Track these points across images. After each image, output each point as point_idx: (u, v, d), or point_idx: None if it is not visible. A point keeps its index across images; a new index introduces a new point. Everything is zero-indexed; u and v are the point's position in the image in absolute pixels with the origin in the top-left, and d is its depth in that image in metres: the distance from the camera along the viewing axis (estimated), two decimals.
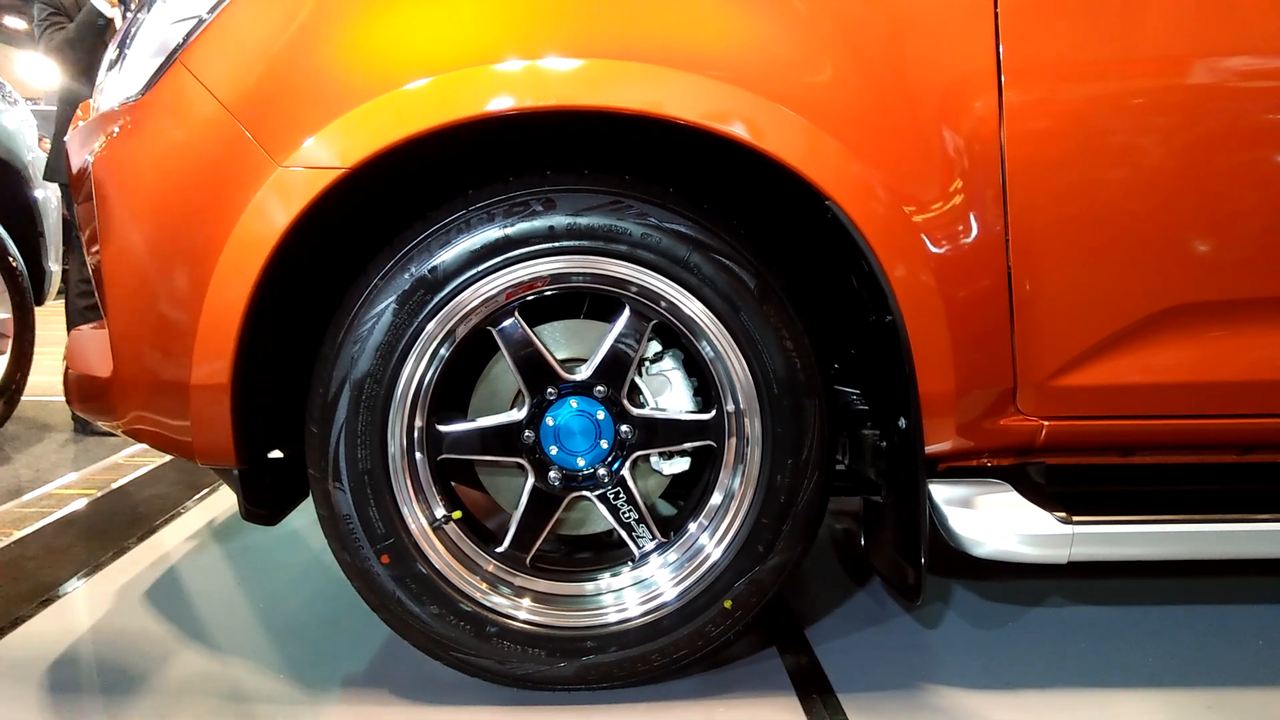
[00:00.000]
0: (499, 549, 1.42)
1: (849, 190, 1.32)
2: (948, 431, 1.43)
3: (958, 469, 1.52)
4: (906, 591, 1.45)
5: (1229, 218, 1.37)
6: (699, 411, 1.44)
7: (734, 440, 1.40)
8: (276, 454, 1.58)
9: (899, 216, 1.34)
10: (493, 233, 1.32)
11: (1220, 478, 1.53)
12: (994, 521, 1.39)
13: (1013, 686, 1.43)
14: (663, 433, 1.42)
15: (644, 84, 1.28)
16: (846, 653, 1.54)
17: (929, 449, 1.44)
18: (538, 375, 1.39)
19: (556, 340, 1.47)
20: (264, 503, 1.50)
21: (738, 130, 1.29)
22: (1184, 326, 1.41)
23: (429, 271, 1.32)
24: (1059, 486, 1.50)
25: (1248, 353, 1.43)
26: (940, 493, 1.43)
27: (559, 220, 1.33)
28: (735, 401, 1.38)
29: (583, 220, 1.33)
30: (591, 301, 1.51)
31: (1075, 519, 1.40)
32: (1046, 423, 1.45)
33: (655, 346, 1.47)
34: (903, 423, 1.41)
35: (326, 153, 1.28)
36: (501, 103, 1.27)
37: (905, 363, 1.36)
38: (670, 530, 1.46)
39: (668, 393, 1.47)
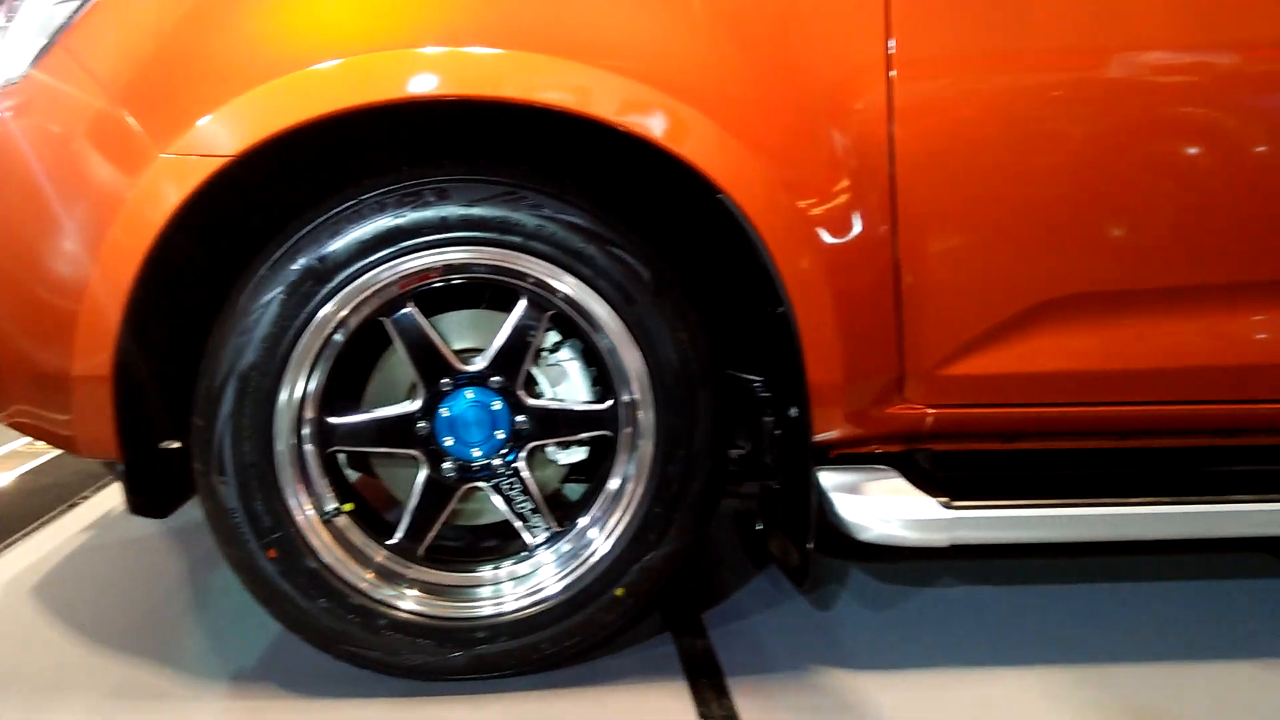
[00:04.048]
0: (391, 541, 1.41)
1: (740, 182, 1.34)
2: (837, 420, 1.47)
3: (849, 455, 1.56)
4: (795, 575, 1.49)
5: (1108, 213, 1.42)
6: (596, 402, 1.45)
7: (628, 430, 1.41)
8: (174, 445, 1.55)
9: (790, 208, 1.36)
10: (384, 222, 1.31)
11: (1100, 463, 1.60)
12: (878, 507, 1.43)
13: (897, 666, 1.48)
14: (559, 423, 1.43)
15: (556, 77, 1.28)
16: (741, 636, 1.57)
17: (820, 437, 1.48)
18: (432, 366, 1.38)
19: (456, 330, 1.46)
20: (154, 495, 1.47)
21: (632, 124, 1.30)
22: (1063, 317, 1.47)
23: (318, 261, 1.30)
24: (945, 472, 1.55)
25: (1125, 343, 1.49)
26: (828, 479, 1.46)
27: (452, 211, 1.32)
28: (630, 392, 1.40)
29: (476, 211, 1.32)
30: (495, 291, 1.51)
31: (957, 504, 1.45)
32: (932, 411, 1.49)
33: (554, 337, 1.48)
34: (794, 411, 1.45)
35: (211, 139, 1.26)
36: (423, 87, 1.25)
37: (795, 353, 1.39)
38: (568, 518, 1.47)
39: (566, 383, 1.47)
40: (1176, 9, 1.40)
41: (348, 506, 1.40)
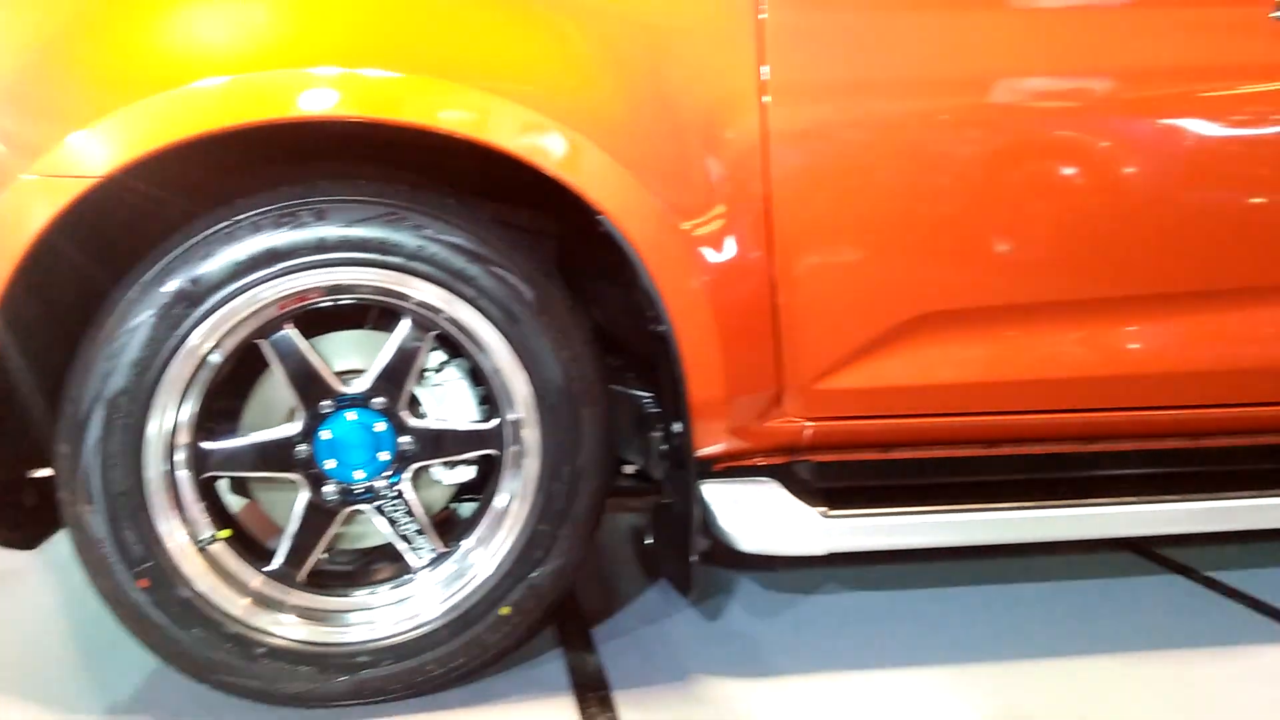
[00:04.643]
0: (270, 567, 1.39)
1: (621, 204, 1.37)
2: (720, 434, 1.51)
3: (734, 468, 1.60)
4: (681, 586, 1.53)
5: (973, 232, 1.50)
6: (481, 421, 1.46)
7: (514, 449, 1.42)
8: (43, 472, 1.49)
9: (669, 230, 1.40)
10: (259, 243, 1.29)
11: (970, 469, 1.67)
12: (757, 518, 1.48)
13: (781, 673, 1.52)
14: (444, 443, 1.43)
15: (453, 102, 1.29)
16: (630, 650, 1.59)
17: (703, 451, 1.52)
18: (312, 388, 1.37)
19: (340, 351, 1.44)
20: (22, 525, 1.42)
21: (520, 149, 1.31)
22: (933, 333, 1.54)
23: (191, 283, 1.28)
24: (824, 482, 1.60)
25: (992, 356, 1.57)
26: (711, 492, 1.50)
27: (330, 232, 1.31)
28: (515, 411, 1.41)
29: (356, 232, 1.32)
30: (382, 311, 1.50)
31: (834, 513, 1.51)
32: (811, 424, 1.55)
33: (440, 356, 1.48)
34: (677, 427, 1.48)
35: (79, 158, 1.22)
36: (320, 107, 1.25)
37: (676, 370, 1.42)
38: (455, 539, 1.47)
39: (451, 403, 1.47)
40: (1036, 41, 1.49)
41: (224, 533, 1.37)
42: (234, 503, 1.52)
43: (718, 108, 1.41)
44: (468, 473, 1.48)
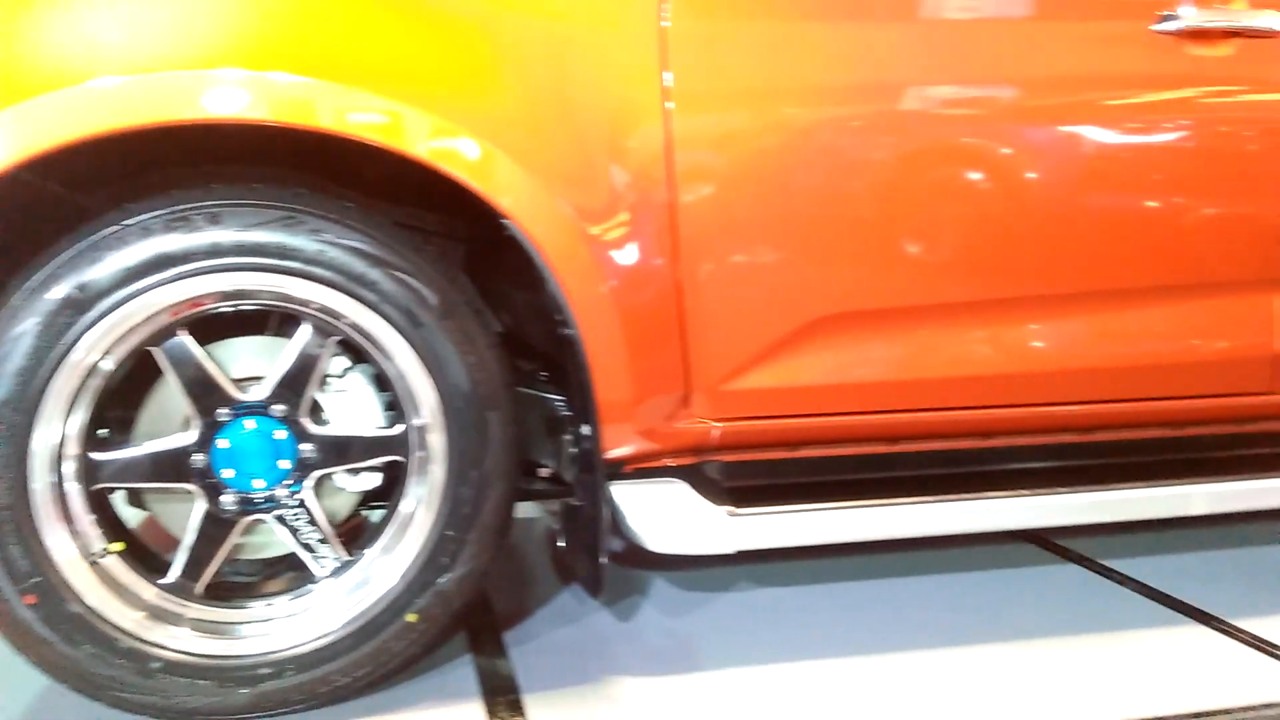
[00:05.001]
0: (165, 580, 1.35)
1: (525, 209, 1.37)
2: (628, 436, 1.52)
3: (644, 469, 1.61)
4: (591, 588, 1.53)
5: (875, 236, 1.54)
6: (387, 427, 1.44)
7: (420, 455, 1.41)
8: None
9: (576, 234, 1.40)
10: (150, 248, 1.26)
11: (874, 466, 1.71)
12: (665, 518, 1.49)
13: (691, 670, 1.54)
14: (347, 450, 1.41)
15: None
16: (542, 653, 1.59)
17: (613, 453, 1.53)
18: (207, 395, 1.34)
19: (238, 358, 1.41)
20: None
21: (424, 154, 1.30)
22: (836, 334, 1.57)
23: (78, 290, 1.24)
24: (734, 482, 1.63)
25: (894, 356, 1.61)
26: (620, 493, 1.51)
27: (225, 236, 1.28)
28: (420, 416, 1.39)
29: (251, 236, 1.29)
30: (284, 316, 1.47)
31: (740, 511, 1.53)
32: (718, 425, 1.57)
33: (344, 362, 1.46)
34: (586, 429, 1.48)
35: None
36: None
37: (583, 373, 1.43)
38: (362, 546, 1.45)
39: (355, 409, 1.46)
40: (934, 51, 1.53)
41: (117, 546, 1.33)
42: (135, 515, 1.48)
43: (622, 114, 1.42)
44: (373, 480, 1.46)
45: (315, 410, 1.42)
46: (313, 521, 1.40)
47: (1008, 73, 1.56)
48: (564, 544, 1.67)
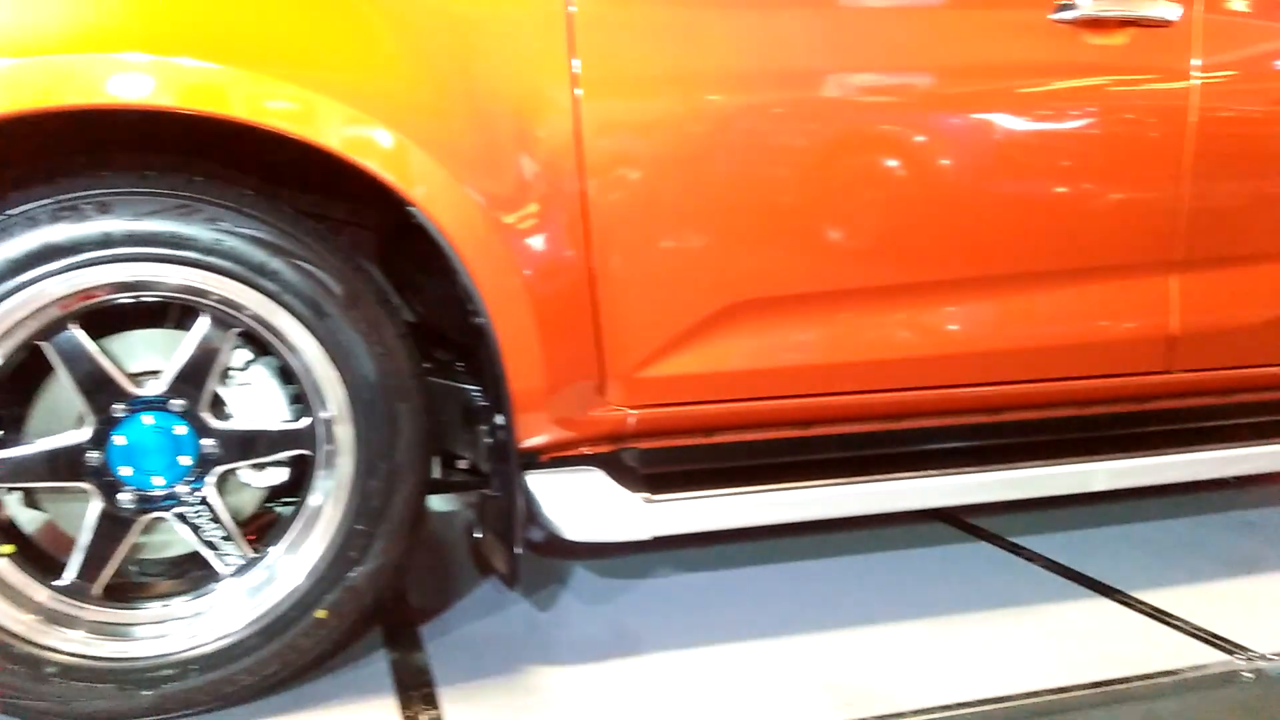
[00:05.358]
0: (60, 582, 1.30)
1: (433, 196, 1.35)
2: (543, 425, 1.51)
3: (561, 458, 1.61)
4: (507, 579, 1.52)
5: (786, 222, 1.55)
6: (292, 421, 1.41)
7: (327, 448, 1.38)
8: None
9: (486, 222, 1.39)
10: (36, 239, 1.21)
11: (789, 450, 1.73)
12: (581, 506, 1.49)
13: (609, 657, 1.54)
14: (252, 445, 1.38)
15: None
16: (459, 645, 1.58)
17: (528, 442, 1.52)
18: (101, 391, 1.29)
19: (135, 352, 1.36)
20: None
21: (323, 140, 1.27)
22: (749, 319, 1.58)
23: None
24: (650, 468, 1.63)
25: (807, 340, 1.63)
26: (536, 482, 1.51)
27: (116, 226, 1.24)
28: (327, 409, 1.37)
29: (144, 226, 1.25)
30: (185, 308, 1.43)
31: (656, 497, 1.53)
32: (634, 412, 1.57)
33: (247, 354, 1.42)
34: (500, 419, 1.47)
35: None
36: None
37: (496, 362, 1.41)
38: (270, 542, 1.42)
39: (259, 403, 1.42)
40: (838, 37, 1.54)
41: (7, 549, 1.28)
42: (34, 518, 1.42)
43: (530, 101, 1.41)
44: (279, 474, 1.43)
45: (217, 404, 1.38)
46: (216, 519, 1.36)
47: (911, 60, 1.58)
48: (480, 535, 1.65)
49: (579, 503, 1.49)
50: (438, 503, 2.27)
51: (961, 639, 1.60)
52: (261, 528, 1.48)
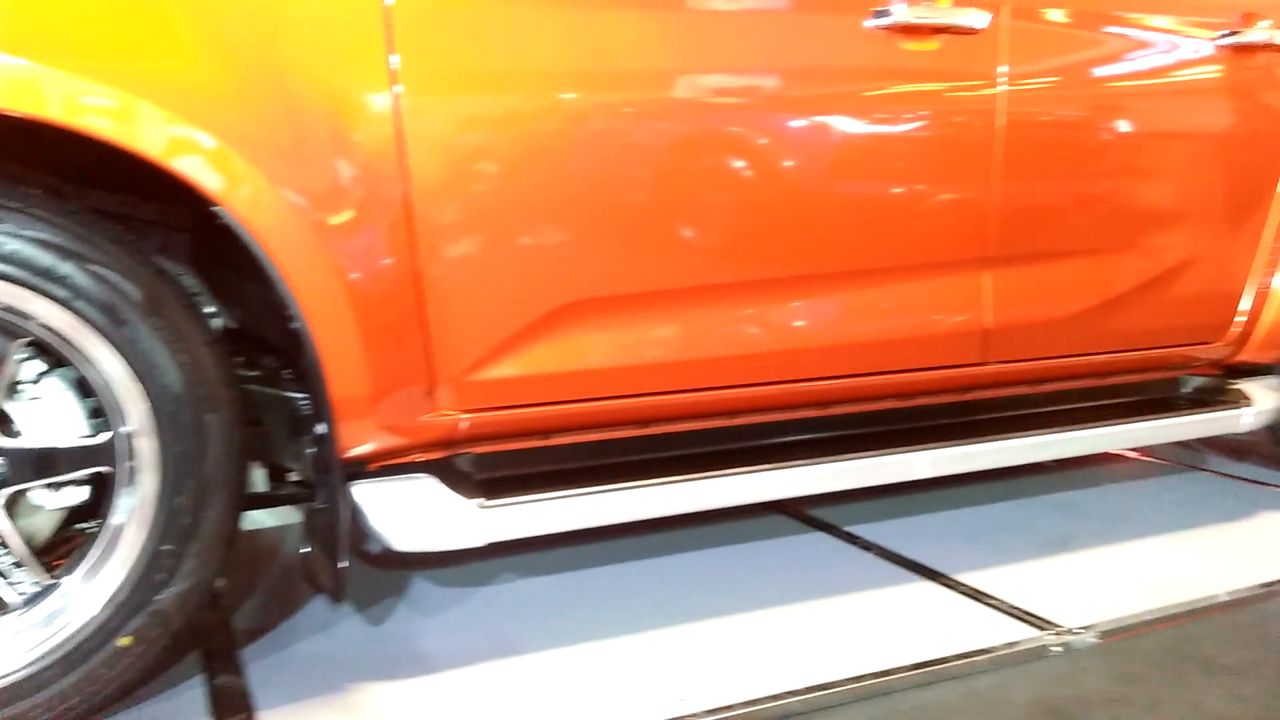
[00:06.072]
0: None
1: (241, 197, 1.28)
2: (370, 432, 1.46)
3: (393, 466, 1.56)
4: (332, 594, 1.47)
5: (614, 222, 1.54)
6: (90, 436, 1.31)
7: (129, 464, 1.29)
8: None
9: (302, 224, 1.33)
10: None
11: (626, 450, 1.73)
12: (411, 515, 1.45)
13: (441, 669, 1.51)
14: (44, 464, 1.27)
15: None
16: (282, 666, 1.51)
17: (354, 450, 1.46)
18: None
19: None
20: None
21: (114, 136, 1.19)
22: (579, 321, 1.57)
23: None
24: (486, 473, 1.60)
25: (638, 340, 1.63)
26: (363, 492, 1.46)
27: None
28: (128, 422, 1.28)
29: None
30: None
31: (491, 503, 1.51)
32: (466, 416, 1.54)
33: (40, 366, 1.32)
34: (321, 428, 1.41)
35: None
36: None
37: (314, 368, 1.36)
38: (69, 568, 1.32)
39: (53, 418, 1.32)
40: (659, 38, 1.54)
41: None
42: None
43: (347, 99, 1.35)
44: (79, 494, 1.33)
45: (4, 420, 1.28)
46: (4, 544, 1.26)
47: (732, 63, 1.60)
48: (307, 550, 1.59)
49: (409, 512, 1.44)
50: (269, 519, 2.18)
51: (795, 628, 1.64)
52: (67, 552, 1.37)
